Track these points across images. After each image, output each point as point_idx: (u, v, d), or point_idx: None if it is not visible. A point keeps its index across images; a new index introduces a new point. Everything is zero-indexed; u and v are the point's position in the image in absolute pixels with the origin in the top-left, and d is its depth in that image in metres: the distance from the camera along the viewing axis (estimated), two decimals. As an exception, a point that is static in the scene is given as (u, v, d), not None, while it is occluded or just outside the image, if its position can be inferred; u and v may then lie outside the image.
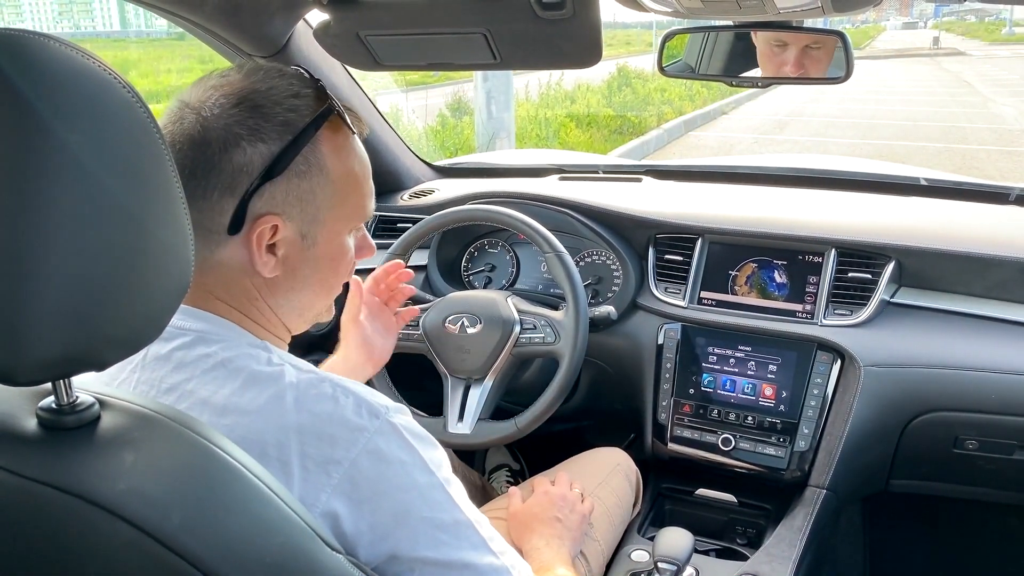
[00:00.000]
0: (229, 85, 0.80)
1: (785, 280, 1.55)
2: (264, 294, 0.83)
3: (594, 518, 1.33)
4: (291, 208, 0.80)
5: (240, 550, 0.62)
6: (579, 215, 1.71)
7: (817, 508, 1.41)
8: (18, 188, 0.56)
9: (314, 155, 0.80)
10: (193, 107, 0.79)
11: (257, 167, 0.77)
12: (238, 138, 0.77)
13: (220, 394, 0.76)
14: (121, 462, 0.62)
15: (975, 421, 1.40)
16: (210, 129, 0.77)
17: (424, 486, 0.76)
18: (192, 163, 0.77)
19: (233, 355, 0.78)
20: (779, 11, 1.07)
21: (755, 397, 1.51)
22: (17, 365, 0.58)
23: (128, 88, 0.61)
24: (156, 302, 0.64)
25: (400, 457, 0.75)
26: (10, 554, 0.61)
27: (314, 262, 0.84)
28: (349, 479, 0.73)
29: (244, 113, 0.78)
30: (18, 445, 0.62)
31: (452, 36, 1.29)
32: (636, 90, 11.75)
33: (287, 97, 0.80)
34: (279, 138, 0.78)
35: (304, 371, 0.78)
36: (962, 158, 8.54)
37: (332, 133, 0.82)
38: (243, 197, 0.78)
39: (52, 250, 0.56)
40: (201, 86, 0.81)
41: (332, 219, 0.83)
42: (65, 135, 0.57)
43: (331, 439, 0.74)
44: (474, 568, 0.77)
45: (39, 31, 0.60)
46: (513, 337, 1.47)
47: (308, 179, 0.80)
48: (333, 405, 0.75)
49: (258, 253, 0.80)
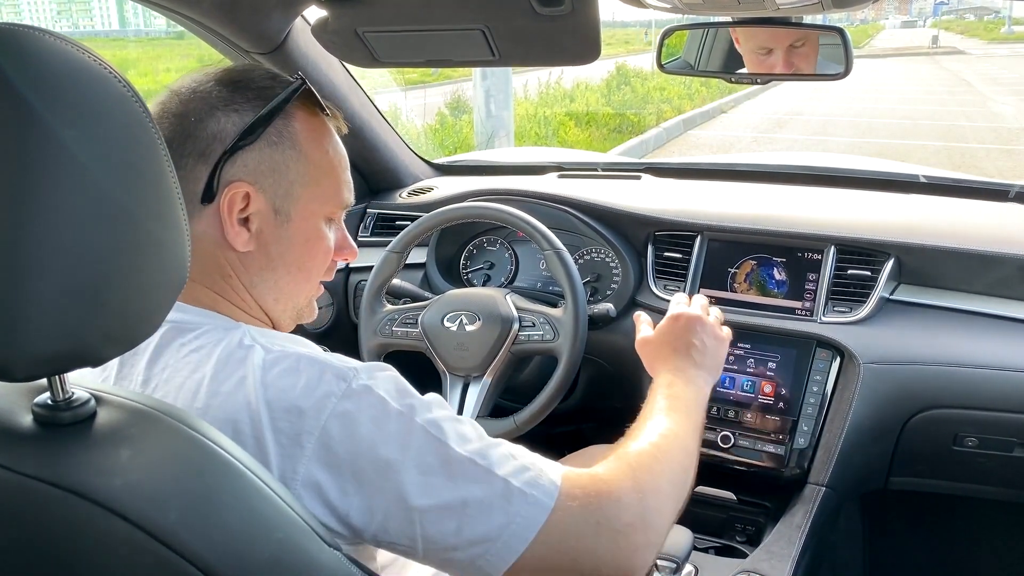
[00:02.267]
0: (212, 70, 0.85)
1: (784, 277, 1.55)
2: (238, 271, 0.84)
3: None
4: (263, 179, 0.82)
5: (237, 546, 0.62)
6: (578, 212, 1.71)
7: (816, 505, 1.41)
8: (13, 184, 0.56)
9: (287, 129, 0.83)
10: (176, 89, 0.84)
11: (230, 135, 0.80)
12: (214, 108, 0.81)
13: (192, 379, 0.76)
14: (117, 458, 0.62)
15: (974, 418, 1.40)
16: (189, 102, 0.82)
17: (401, 434, 0.74)
18: (170, 134, 0.80)
19: (207, 341, 0.78)
20: (778, 7, 1.07)
21: (754, 394, 1.51)
22: (13, 360, 0.57)
23: (124, 83, 0.61)
24: (152, 298, 0.64)
25: (371, 415, 0.74)
26: (6, 550, 0.61)
27: (288, 240, 0.85)
28: (323, 446, 0.72)
29: (221, 87, 0.82)
30: (13, 441, 0.62)
31: (451, 33, 1.29)
32: (635, 89, 11.75)
33: (264, 77, 0.85)
34: (252, 109, 0.81)
35: (273, 349, 0.77)
36: (961, 157, 8.55)
37: (307, 114, 0.85)
38: (216, 163, 0.80)
39: (48, 246, 0.56)
40: (188, 75, 0.86)
41: (307, 198, 0.85)
42: (61, 130, 0.57)
43: (299, 411, 0.73)
44: (477, 502, 0.74)
45: (34, 25, 0.60)
46: (512, 335, 1.47)
47: (280, 151, 0.83)
48: (297, 378, 0.74)
49: (229, 221, 0.81)
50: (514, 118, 7.39)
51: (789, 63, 1.26)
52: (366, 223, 1.93)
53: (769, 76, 1.30)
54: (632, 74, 12.68)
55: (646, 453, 0.88)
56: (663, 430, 0.94)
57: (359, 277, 1.80)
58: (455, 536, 0.74)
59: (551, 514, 0.75)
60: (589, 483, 0.80)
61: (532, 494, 0.75)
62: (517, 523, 0.74)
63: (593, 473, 0.82)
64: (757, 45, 1.28)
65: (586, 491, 0.78)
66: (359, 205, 1.92)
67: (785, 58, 1.26)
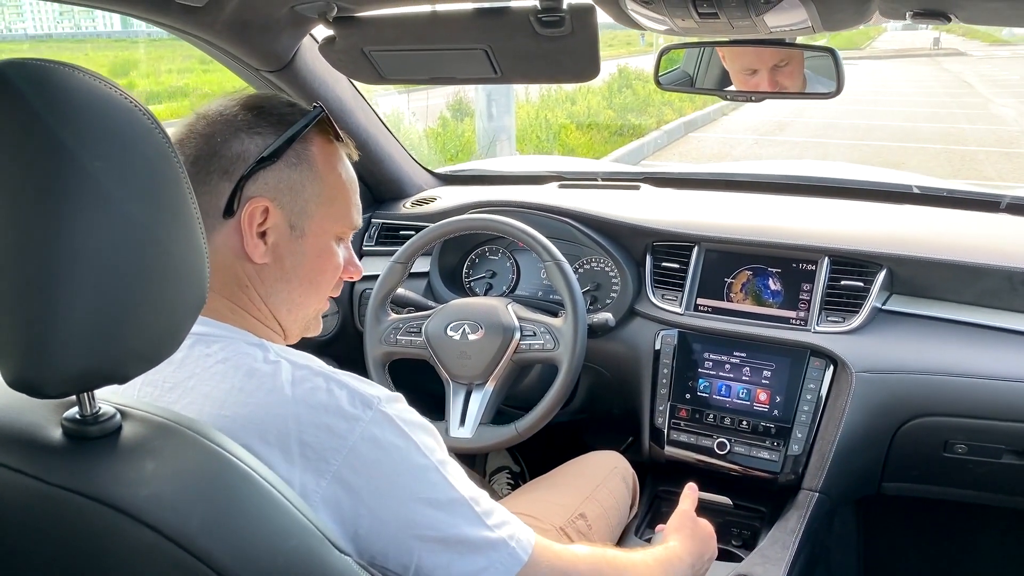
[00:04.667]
0: (237, 97, 0.92)
1: (779, 287, 1.59)
2: (255, 282, 0.89)
3: (592, 520, 1.36)
4: (282, 196, 0.88)
5: (255, 553, 0.66)
6: (578, 223, 1.75)
7: (810, 510, 1.45)
8: (45, 212, 0.59)
9: (305, 151, 0.89)
10: (203, 113, 0.90)
11: (252, 155, 0.86)
12: (238, 131, 0.87)
13: (220, 388, 0.80)
14: (143, 470, 0.65)
15: (964, 426, 1.43)
16: (215, 124, 0.88)
17: (419, 468, 0.80)
18: (196, 152, 0.87)
19: (232, 354, 0.83)
20: (770, 30, 1.11)
21: (750, 402, 1.54)
22: (45, 379, 0.61)
23: (148, 115, 0.65)
24: (175, 317, 0.67)
25: (394, 443, 0.80)
26: (37, 557, 0.64)
27: (301, 255, 0.90)
28: (348, 465, 0.77)
29: (246, 112, 0.89)
30: (45, 454, 0.65)
31: (454, 52, 1.33)
32: (636, 91, 11.77)
33: (284, 104, 0.91)
34: (274, 133, 0.88)
35: (300, 366, 0.82)
36: (961, 160, 8.56)
37: (323, 140, 0.91)
38: (238, 180, 0.86)
39: (77, 271, 0.60)
40: (214, 100, 0.92)
41: (320, 216, 0.91)
42: (90, 162, 0.60)
43: (328, 428, 0.78)
44: (470, 543, 0.81)
45: (63, 61, 0.63)
46: (513, 343, 1.51)
47: (298, 171, 0.88)
48: (328, 397, 0.79)
49: (248, 233, 0.86)
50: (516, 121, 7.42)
51: (774, 82, 1.30)
52: (371, 232, 1.96)
53: (763, 94, 1.33)
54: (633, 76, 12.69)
55: (620, 564, 0.97)
56: (645, 562, 1.03)
57: (364, 286, 1.83)
58: (444, 570, 0.80)
59: (524, 566, 0.83)
60: (560, 554, 0.89)
61: (512, 546, 0.83)
62: (495, 568, 0.82)
63: (567, 548, 0.92)
64: (742, 66, 1.32)
65: (553, 562, 0.88)
66: (364, 215, 1.96)
67: (770, 77, 1.30)
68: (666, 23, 1.14)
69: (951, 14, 0.98)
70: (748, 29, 1.10)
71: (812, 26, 1.09)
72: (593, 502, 1.39)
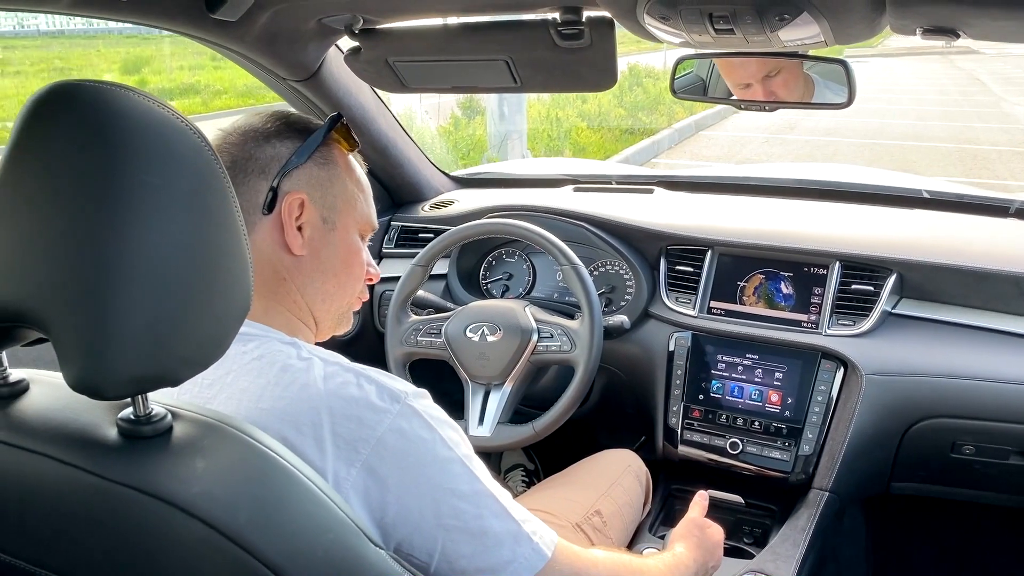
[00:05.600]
0: (263, 114, 1.01)
1: (791, 291, 1.62)
2: (292, 275, 0.95)
3: (607, 517, 1.40)
4: (314, 190, 0.96)
5: (297, 545, 0.70)
6: (593, 227, 1.78)
7: (820, 509, 1.48)
8: (104, 225, 0.63)
9: (329, 154, 0.99)
10: (234, 128, 0.99)
11: (285, 155, 0.96)
12: (270, 136, 0.96)
13: (257, 383, 0.85)
14: (194, 468, 0.70)
15: (971, 428, 1.46)
16: (247, 134, 0.97)
17: (444, 460, 0.84)
18: (233, 158, 0.95)
19: (267, 351, 0.88)
20: (784, 44, 1.14)
21: (762, 403, 1.58)
22: (105, 383, 0.65)
23: (197, 133, 0.69)
24: (222, 324, 0.72)
25: (421, 435, 0.84)
26: (96, 549, 0.69)
27: (334, 247, 0.98)
28: (376, 454, 0.82)
29: (275, 121, 0.99)
30: (102, 451, 0.70)
31: (475, 62, 1.36)
32: (648, 90, 11.75)
33: (308, 115, 1.03)
34: (300, 138, 0.97)
35: (330, 362, 0.87)
36: (973, 159, 8.53)
37: (342, 146, 1.01)
38: (275, 176, 0.94)
39: (134, 281, 0.64)
40: (244, 118, 1.01)
41: (345, 212, 1.00)
42: (145, 178, 0.64)
43: (358, 420, 0.82)
44: (493, 534, 0.84)
45: (118, 83, 0.68)
46: (531, 345, 1.55)
47: (326, 170, 0.98)
48: (358, 391, 0.84)
49: (288, 224, 0.94)
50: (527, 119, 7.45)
51: (769, 92, 1.34)
52: (390, 235, 2.01)
53: (776, 104, 1.37)
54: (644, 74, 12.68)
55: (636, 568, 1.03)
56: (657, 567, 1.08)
57: (384, 287, 1.88)
58: (467, 560, 0.84)
59: (547, 564, 0.87)
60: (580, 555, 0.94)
61: (536, 543, 0.87)
62: (519, 563, 0.85)
63: (586, 551, 0.96)
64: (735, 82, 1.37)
65: (573, 562, 0.92)
66: (384, 218, 2.00)
67: (764, 88, 1.34)
68: (682, 37, 1.17)
69: (960, 31, 1.01)
70: (763, 44, 1.13)
71: (825, 40, 1.12)
72: (608, 499, 1.43)
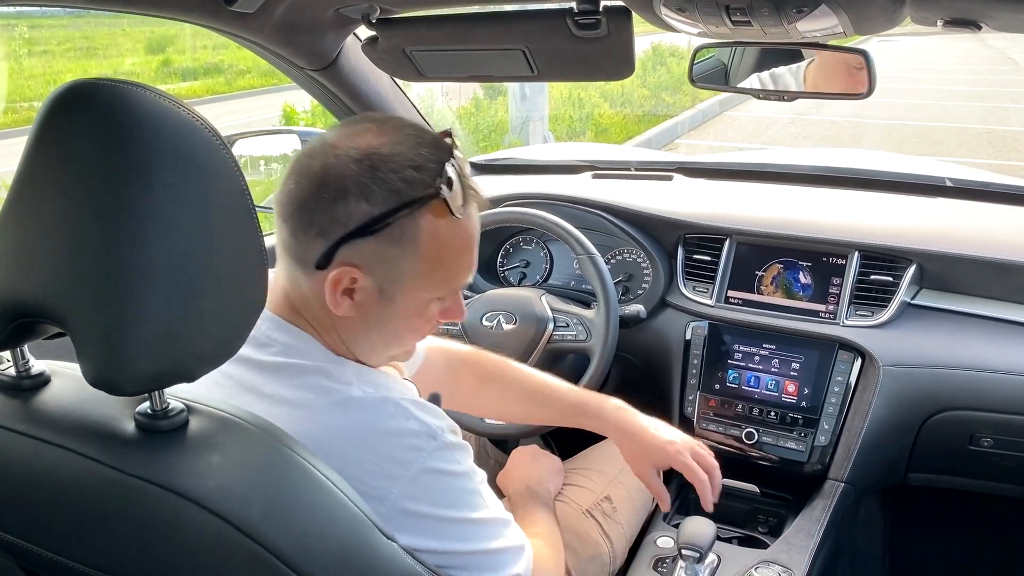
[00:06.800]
0: (364, 136, 0.86)
1: (809, 281, 1.61)
2: (338, 326, 0.91)
3: (616, 501, 1.41)
4: (375, 266, 0.86)
5: (311, 539, 0.72)
6: (611, 216, 1.78)
7: (835, 500, 1.48)
8: (122, 225, 0.65)
9: (411, 226, 0.85)
10: (328, 148, 0.86)
11: (354, 222, 0.83)
12: (347, 192, 0.83)
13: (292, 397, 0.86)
14: (209, 462, 0.71)
15: (990, 420, 1.45)
16: (329, 174, 0.84)
17: (467, 492, 0.89)
18: (305, 198, 0.85)
19: (310, 365, 0.88)
20: (802, 35, 1.13)
21: (778, 393, 1.58)
22: (123, 379, 0.67)
23: (213, 133, 0.70)
24: (236, 322, 0.73)
25: (451, 470, 0.87)
26: (113, 540, 0.70)
27: (387, 316, 0.90)
28: (408, 496, 0.84)
29: (362, 170, 0.83)
30: (120, 445, 0.71)
31: (492, 52, 1.36)
32: (671, 69, 11.63)
33: (406, 167, 0.84)
34: (383, 203, 0.83)
35: (369, 388, 0.88)
36: (1003, 141, 8.38)
37: (437, 214, 0.85)
38: (333, 243, 0.84)
39: (151, 279, 0.65)
40: (346, 130, 0.88)
41: (415, 286, 0.89)
42: (161, 177, 0.65)
43: (390, 457, 0.85)
44: (494, 552, 0.91)
45: (135, 82, 0.68)
46: (547, 334, 1.55)
47: (398, 246, 0.85)
48: (395, 424, 0.86)
49: (332, 294, 0.86)
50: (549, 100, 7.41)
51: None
52: None
53: (795, 94, 1.36)
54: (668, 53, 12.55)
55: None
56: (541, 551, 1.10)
57: None
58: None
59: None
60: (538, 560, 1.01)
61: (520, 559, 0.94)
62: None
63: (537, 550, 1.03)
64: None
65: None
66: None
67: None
68: (699, 28, 1.16)
69: (982, 23, 1.00)
70: (780, 35, 1.12)
71: (844, 31, 1.11)
72: (618, 485, 1.44)
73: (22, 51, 12.90)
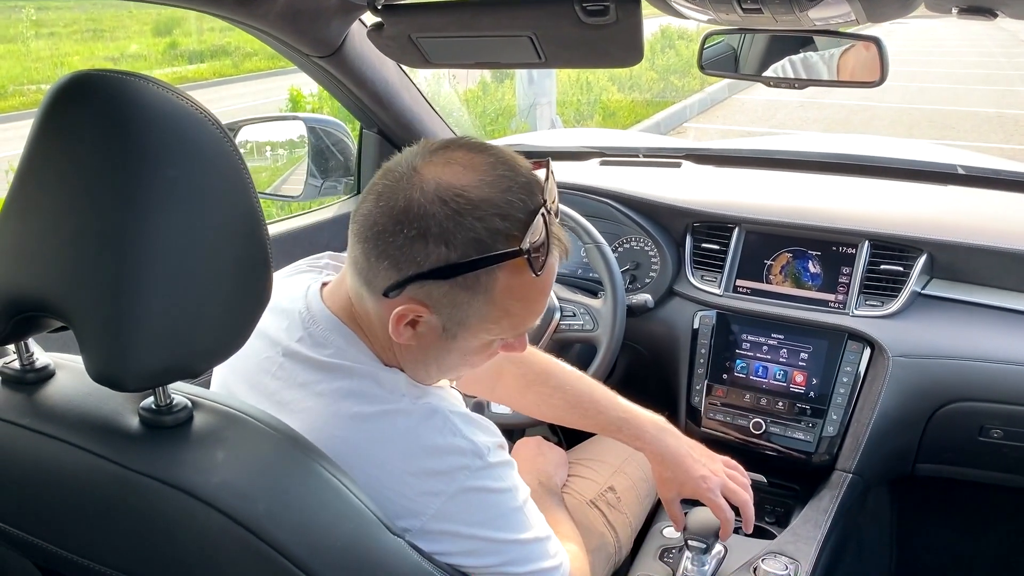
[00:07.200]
0: (453, 169, 0.81)
1: (819, 270, 1.60)
2: (396, 349, 0.89)
3: (620, 491, 1.40)
4: (442, 308, 0.83)
5: (316, 536, 0.71)
6: (618, 204, 1.77)
7: (843, 491, 1.47)
8: (124, 218, 0.64)
9: (488, 278, 0.81)
10: (414, 177, 0.81)
11: (429, 264, 0.79)
12: (427, 233, 0.79)
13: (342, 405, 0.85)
14: (214, 458, 0.71)
15: (1000, 412, 1.44)
16: (411, 210, 0.79)
17: (509, 511, 0.88)
18: (383, 225, 0.81)
19: (362, 369, 0.87)
20: (814, 23, 1.11)
21: (786, 383, 1.57)
22: (127, 375, 0.66)
23: (216, 124, 0.69)
24: (240, 318, 0.72)
25: (494, 487, 0.86)
26: (117, 537, 0.70)
27: (447, 351, 0.88)
28: (446, 513, 0.84)
29: (446, 212, 0.78)
30: (124, 440, 0.71)
31: (499, 38, 1.34)
32: (680, 52, 11.56)
33: (493, 215, 0.79)
34: (462, 251, 0.79)
35: (420, 401, 0.86)
36: (1015, 125, 8.31)
37: (514, 271, 0.81)
38: (404, 279, 0.81)
39: (153, 274, 0.64)
40: (436, 157, 0.83)
41: (480, 329, 0.86)
42: (164, 170, 0.64)
43: (433, 472, 0.84)
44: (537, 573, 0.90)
45: (137, 73, 0.67)
46: (553, 324, 1.55)
47: (470, 293, 0.82)
48: (441, 440, 0.84)
49: (395, 326, 0.83)
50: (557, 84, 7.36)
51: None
52: None
53: (805, 82, 1.34)
54: (676, 36, 12.46)
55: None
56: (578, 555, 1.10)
57: None
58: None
59: None
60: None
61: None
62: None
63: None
64: None
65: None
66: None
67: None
68: (709, 14, 1.15)
69: (998, 10, 0.98)
70: (792, 23, 1.10)
71: (856, 18, 1.09)
72: (621, 475, 1.43)
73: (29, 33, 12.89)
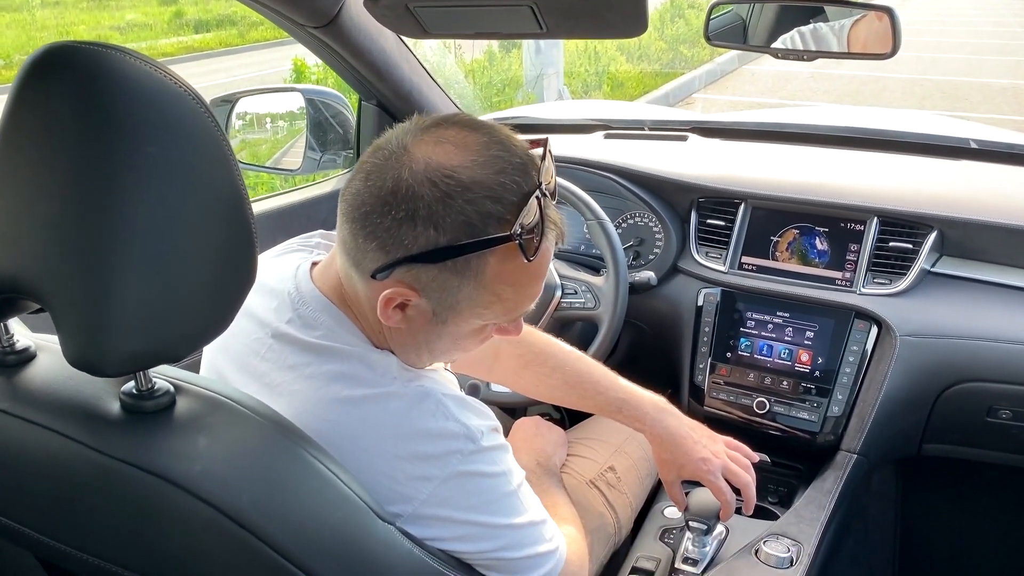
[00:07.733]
0: (444, 148, 0.78)
1: (826, 247, 1.56)
2: (386, 332, 0.87)
3: (620, 471, 1.39)
4: (431, 292, 0.80)
5: (304, 526, 0.69)
6: (622, 179, 1.73)
7: (848, 472, 1.45)
8: (102, 197, 0.61)
9: (479, 262, 0.79)
10: (404, 156, 0.78)
11: (417, 247, 0.77)
12: (415, 216, 0.76)
13: (332, 387, 0.83)
14: (196, 445, 0.69)
15: (1009, 392, 1.41)
16: (400, 191, 0.77)
17: (503, 496, 0.86)
18: (371, 205, 0.78)
19: (352, 351, 0.85)
20: (826, -8, 1.07)
21: (791, 362, 1.54)
22: (104, 360, 0.64)
23: (196, 99, 0.66)
24: (224, 300, 0.70)
25: (487, 472, 0.85)
26: (99, 526, 0.69)
27: (437, 335, 0.86)
28: (437, 498, 0.82)
29: (436, 194, 0.76)
30: (103, 426, 0.69)
31: (499, 8, 1.30)
32: (689, 21, 11.39)
33: (484, 198, 0.76)
34: (452, 234, 0.76)
35: (411, 384, 0.84)
36: (1029, 96, 8.19)
37: (506, 256, 0.79)
38: (392, 262, 0.79)
39: (132, 256, 0.62)
40: (427, 135, 0.79)
41: (471, 314, 0.84)
42: (143, 147, 0.62)
43: (425, 457, 0.82)
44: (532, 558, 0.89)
45: (116, 45, 0.64)
46: (554, 302, 1.52)
47: (460, 278, 0.79)
48: (433, 424, 0.82)
49: (384, 309, 0.81)
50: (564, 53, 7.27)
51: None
52: None
53: (815, 53, 1.30)
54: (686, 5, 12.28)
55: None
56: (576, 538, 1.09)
57: None
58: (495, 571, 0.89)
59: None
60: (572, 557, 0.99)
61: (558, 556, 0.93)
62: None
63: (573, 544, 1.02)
64: None
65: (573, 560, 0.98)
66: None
67: None
68: (716, -16, 1.11)
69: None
70: (802, -8, 1.06)
71: (869, -13, 1.06)
72: (622, 455, 1.42)
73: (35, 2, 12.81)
